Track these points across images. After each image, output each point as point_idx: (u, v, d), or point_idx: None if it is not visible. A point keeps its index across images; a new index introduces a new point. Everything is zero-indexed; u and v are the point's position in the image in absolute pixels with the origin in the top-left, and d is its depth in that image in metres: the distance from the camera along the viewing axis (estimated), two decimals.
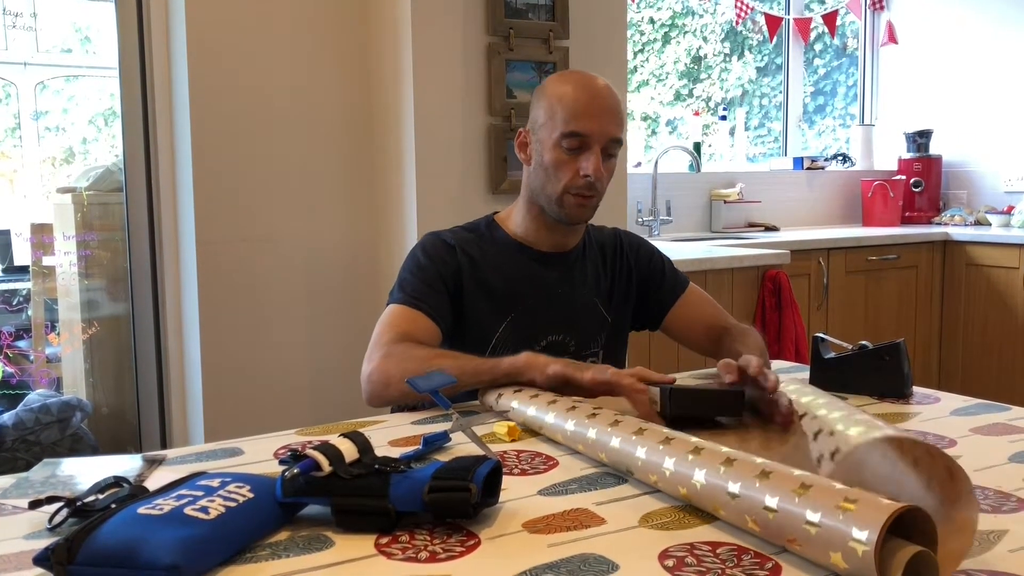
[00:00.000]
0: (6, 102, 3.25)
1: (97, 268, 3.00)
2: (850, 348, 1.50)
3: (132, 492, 0.93)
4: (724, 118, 4.41)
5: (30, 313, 3.05)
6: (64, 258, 2.99)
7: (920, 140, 4.52)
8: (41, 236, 3.00)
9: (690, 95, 4.62)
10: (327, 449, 0.93)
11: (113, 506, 0.87)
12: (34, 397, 2.85)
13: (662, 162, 3.87)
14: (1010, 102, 4.31)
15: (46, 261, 3.02)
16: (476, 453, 1.13)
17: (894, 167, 4.60)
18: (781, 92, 4.68)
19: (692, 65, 4.64)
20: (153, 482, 1.04)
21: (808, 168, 4.41)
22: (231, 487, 0.91)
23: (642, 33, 4.49)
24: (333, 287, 2.77)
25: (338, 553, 0.86)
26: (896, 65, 4.78)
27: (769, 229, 4.10)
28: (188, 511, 0.84)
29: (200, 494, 0.88)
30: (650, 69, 4.56)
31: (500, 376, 1.38)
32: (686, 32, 4.62)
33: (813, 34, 4.65)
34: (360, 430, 1.01)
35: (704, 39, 4.65)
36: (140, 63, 2.62)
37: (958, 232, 4.00)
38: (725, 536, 0.89)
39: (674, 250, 2.92)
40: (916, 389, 1.49)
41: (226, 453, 1.19)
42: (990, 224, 4.19)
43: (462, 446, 1.19)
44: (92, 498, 0.93)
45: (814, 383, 1.49)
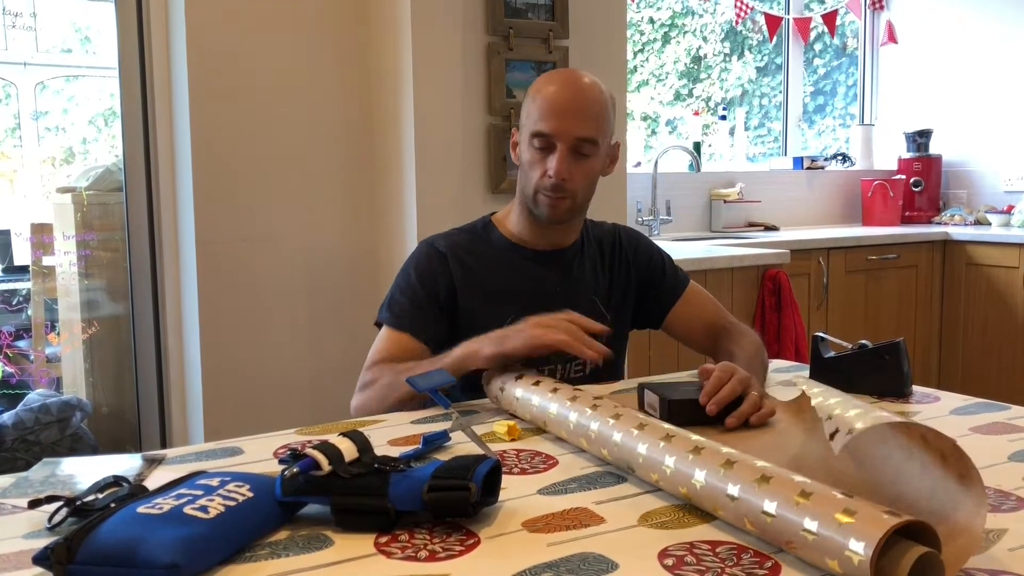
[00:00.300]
0: (6, 102, 3.25)
1: (97, 268, 3.00)
2: (850, 347, 1.50)
3: (132, 491, 0.93)
4: (724, 118, 4.41)
5: (30, 313, 3.05)
6: (64, 258, 2.99)
7: (920, 140, 4.52)
8: (41, 236, 3.00)
9: (690, 95, 4.62)
10: (327, 448, 0.93)
11: (112, 505, 0.87)
12: (34, 397, 2.85)
13: (662, 162, 3.88)
14: (1010, 101, 4.31)
15: (46, 261, 3.02)
16: (476, 452, 1.13)
17: (894, 167, 4.60)
18: (781, 92, 4.68)
19: (692, 65, 4.64)
20: (153, 481, 1.04)
21: (808, 168, 4.41)
22: (231, 486, 0.91)
23: (642, 33, 4.49)
24: (333, 286, 2.77)
25: (338, 552, 0.86)
26: (896, 65, 4.78)
27: (769, 229, 4.10)
28: (188, 510, 0.84)
29: (200, 493, 0.88)
30: (650, 69, 4.56)
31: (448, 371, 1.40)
32: (686, 32, 4.62)
33: (813, 34, 4.65)
34: (359, 429, 1.01)
35: (704, 39, 4.66)
36: (140, 63, 2.62)
37: (958, 232, 4.00)
38: (724, 535, 0.89)
39: (674, 250, 2.91)
40: (916, 388, 1.49)
41: (226, 452, 1.19)
42: (990, 224, 4.19)
43: (462, 445, 1.19)
44: (92, 497, 0.93)
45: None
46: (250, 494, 0.90)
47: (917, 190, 4.48)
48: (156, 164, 2.65)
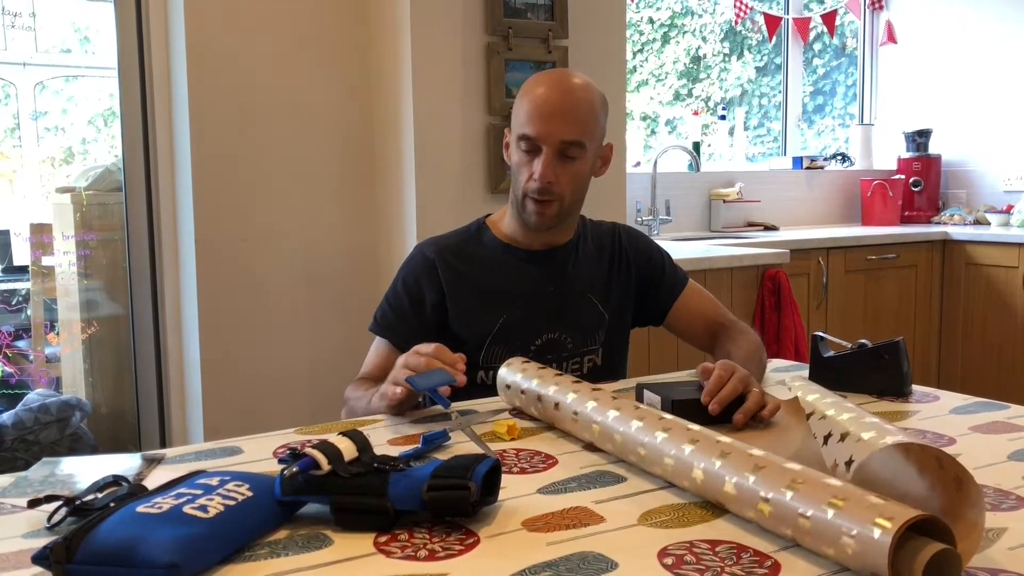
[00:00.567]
0: (5, 102, 3.25)
1: (96, 268, 3.00)
2: (849, 347, 1.50)
3: (131, 491, 0.93)
4: (723, 118, 4.41)
5: (29, 313, 3.05)
6: (63, 258, 2.99)
7: (919, 139, 4.52)
8: (40, 236, 3.00)
9: (689, 95, 4.62)
10: (326, 448, 0.93)
11: (112, 505, 0.87)
12: (33, 397, 2.85)
13: (661, 162, 3.88)
14: (1009, 101, 4.31)
15: (45, 261, 3.02)
16: (475, 452, 1.13)
17: (893, 166, 4.60)
18: (780, 92, 4.68)
19: (691, 65, 4.64)
20: (152, 481, 1.04)
21: (807, 168, 4.41)
22: (230, 486, 0.91)
23: (641, 33, 4.49)
24: (332, 286, 2.77)
25: (337, 552, 0.86)
26: (895, 64, 4.78)
27: (768, 228, 4.10)
28: (187, 510, 0.84)
29: (199, 493, 0.88)
30: (649, 69, 4.56)
31: (377, 402, 1.39)
32: (685, 32, 4.62)
33: (812, 34, 4.65)
34: (359, 429, 1.01)
35: (703, 39, 4.66)
36: (139, 63, 2.62)
37: (957, 231, 4.00)
38: (724, 534, 0.89)
39: (674, 249, 2.90)
40: (915, 388, 1.49)
41: (225, 452, 1.19)
42: (989, 223, 4.19)
43: (461, 445, 1.19)
44: (91, 497, 0.93)
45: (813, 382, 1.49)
46: (249, 493, 0.90)
47: (916, 190, 4.49)
48: (155, 164, 2.64)
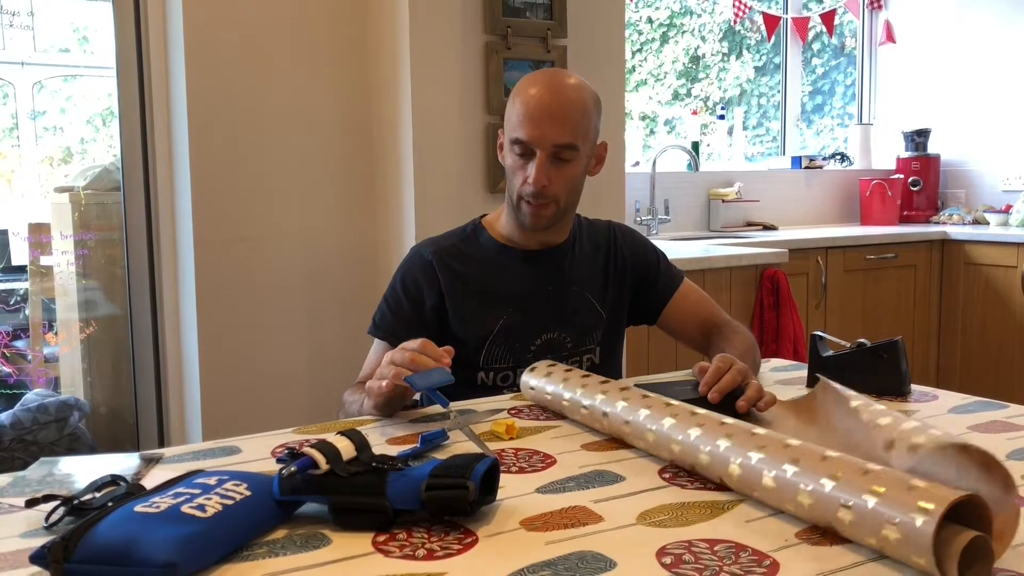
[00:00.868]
0: (4, 102, 3.25)
1: (95, 267, 2.99)
2: (848, 346, 1.50)
3: (129, 490, 0.92)
4: (722, 117, 4.41)
5: (28, 313, 3.05)
6: (62, 257, 2.99)
7: (918, 139, 4.52)
8: (39, 236, 3.00)
9: (688, 95, 4.62)
10: (325, 447, 0.93)
11: (110, 504, 0.87)
12: (32, 397, 2.84)
13: (660, 161, 3.88)
14: (1008, 101, 4.31)
15: (44, 261, 3.02)
16: (474, 451, 1.13)
17: (892, 166, 4.61)
18: (779, 91, 4.68)
19: (690, 64, 4.64)
20: (150, 480, 1.04)
21: (806, 167, 4.41)
22: (228, 485, 0.91)
23: (640, 33, 4.49)
24: (331, 286, 2.77)
25: (335, 551, 0.86)
26: (894, 64, 4.78)
27: (767, 228, 4.10)
28: (185, 509, 0.84)
29: (197, 492, 0.88)
30: (648, 69, 4.56)
31: (367, 404, 1.38)
32: (684, 32, 4.62)
33: (811, 33, 4.65)
34: (358, 428, 1.01)
35: (702, 39, 4.66)
36: (138, 63, 2.62)
37: (956, 231, 4.00)
38: (723, 533, 0.89)
39: (672, 249, 2.91)
40: (914, 387, 1.49)
41: (223, 451, 1.19)
42: (988, 223, 4.20)
43: (460, 444, 1.19)
44: (89, 496, 0.93)
45: (813, 382, 1.50)
46: (248, 493, 0.90)
47: (915, 189, 4.49)
48: (154, 164, 2.64)
